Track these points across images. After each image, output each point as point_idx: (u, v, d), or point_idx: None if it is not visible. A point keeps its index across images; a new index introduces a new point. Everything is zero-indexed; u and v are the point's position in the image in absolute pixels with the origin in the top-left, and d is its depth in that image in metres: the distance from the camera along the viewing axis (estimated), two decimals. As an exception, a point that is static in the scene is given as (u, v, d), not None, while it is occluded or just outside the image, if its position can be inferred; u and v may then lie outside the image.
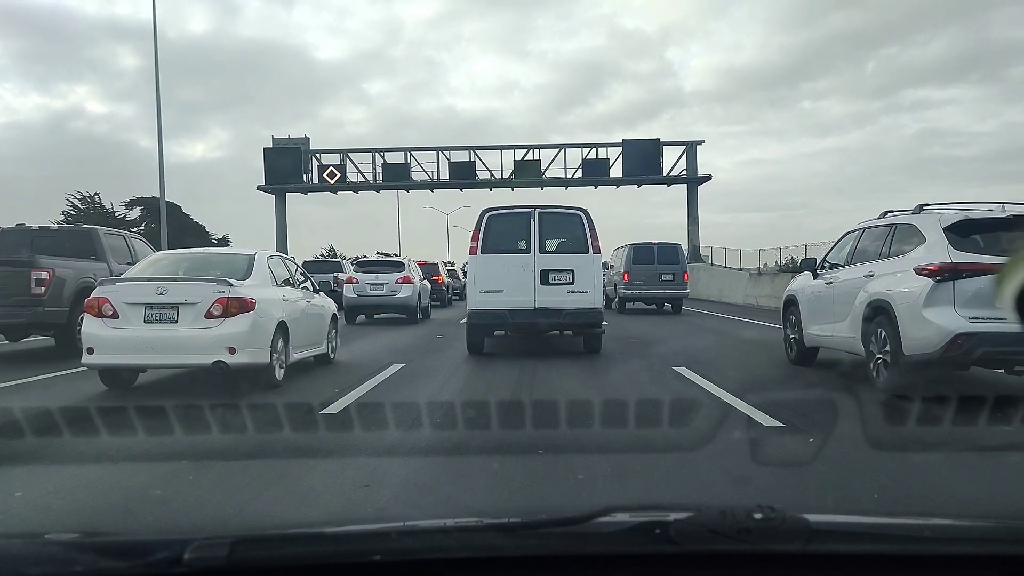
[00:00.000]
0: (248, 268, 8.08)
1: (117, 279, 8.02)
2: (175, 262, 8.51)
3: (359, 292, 17.87)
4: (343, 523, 2.24)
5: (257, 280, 7.95)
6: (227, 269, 8.07)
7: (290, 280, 9.11)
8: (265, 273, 8.26)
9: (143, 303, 7.25)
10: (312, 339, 9.17)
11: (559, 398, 6.93)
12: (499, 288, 10.32)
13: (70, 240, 12.02)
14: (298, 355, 8.54)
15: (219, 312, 7.21)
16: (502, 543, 1.35)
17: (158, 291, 7.26)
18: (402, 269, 18.38)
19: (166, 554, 1.26)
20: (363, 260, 20.85)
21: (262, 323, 7.51)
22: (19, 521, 3.71)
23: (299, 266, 10.23)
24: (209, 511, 3.84)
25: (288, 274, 9.19)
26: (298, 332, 8.44)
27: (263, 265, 8.35)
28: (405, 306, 17.81)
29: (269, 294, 7.98)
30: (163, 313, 7.23)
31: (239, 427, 5.52)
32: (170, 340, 7.16)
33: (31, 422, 5.63)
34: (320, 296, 9.86)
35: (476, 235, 10.55)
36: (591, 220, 10.54)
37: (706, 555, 1.31)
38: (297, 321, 8.47)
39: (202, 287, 7.34)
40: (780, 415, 5.90)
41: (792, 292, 9.80)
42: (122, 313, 7.22)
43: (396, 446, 5.17)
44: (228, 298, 7.25)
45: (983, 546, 1.40)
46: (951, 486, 4.24)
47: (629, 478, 4.36)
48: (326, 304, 10.01)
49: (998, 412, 5.86)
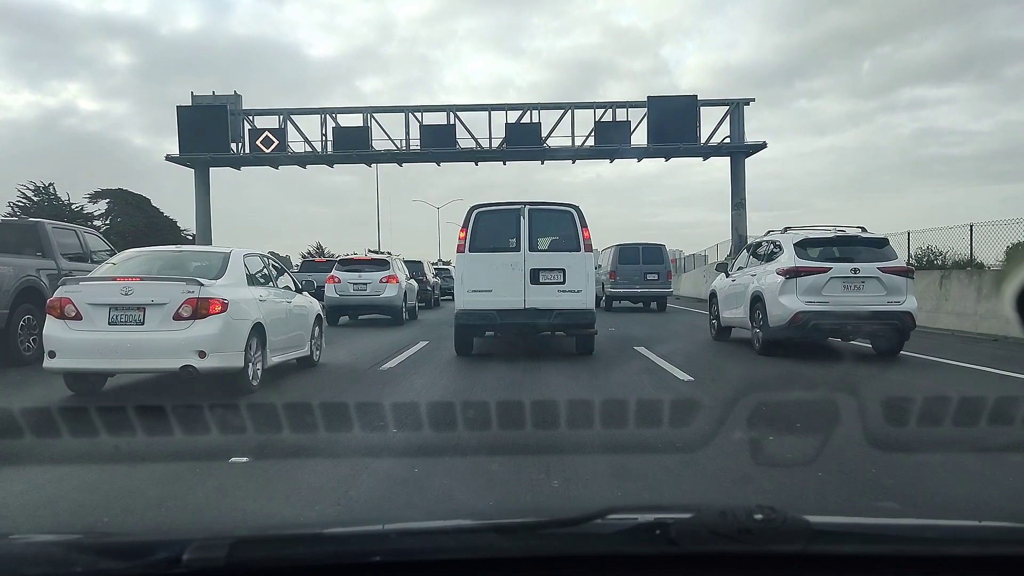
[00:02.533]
0: (222, 267, 7.69)
1: (81, 278, 7.52)
2: (145, 260, 8.05)
3: (341, 292, 17.12)
4: (343, 523, 2.24)
5: (231, 279, 7.57)
6: (199, 268, 7.74)
7: (269, 279, 8.73)
8: (240, 272, 7.87)
9: (107, 304, 6.88)
10: (293, 341, 8.81)
11: (555, 396, 6.93)
12: (488, 287, 10.06)
13: (13, 234, 10.91)
14: (277, 358, 8.22)
15: (188, 313, 6.87)
16: (502, 544, 1.35)
17: (123, 291, 6.90)
18: (387, 268, 17.62)
19: (165, 554, 1.26)
20: (345, 258, 19.84)
21: (235, 325, 7.16)
22: (19, 521, 3.71)
23: (280, 264, 9.79)
24: (209, 511, 3.85)
25: (267, 272, 8.79)
26: (277, 334, 8.10)
27: (238, 263, 7.96)
28: (390, 307, 17.10)
29: (243, 294, 7.60)
30: (128, 315, 6.87)
31: (204, 429, 5.52)
32: (136, 343, 6.79)
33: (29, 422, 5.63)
34: (303, 296, 9.50)
35: (464, 232, 10.25)
36: (583, 217, 10.23)
37: (706, 556, 1.31)
38: (276, 322, 8.12)
39: (170, 287, 7.00)
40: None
41: (713, 288, 13.24)
42: (85, 315, 6.86)
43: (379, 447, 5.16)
44: (198, 298, 6.91)
45: (984, 547, 1.40)
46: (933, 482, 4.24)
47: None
48: (309, 304, 9.65)
49: (927, 415, 5.89)
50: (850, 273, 9.99)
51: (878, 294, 9.93)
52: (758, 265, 11.25)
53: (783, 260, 10.41)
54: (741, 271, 11.96)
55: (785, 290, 10.09)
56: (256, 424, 5.60)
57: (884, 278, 9.96)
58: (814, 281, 9.97)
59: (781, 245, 10.72)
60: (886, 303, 9.88)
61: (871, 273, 9.97)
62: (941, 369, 9.18)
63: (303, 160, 34.61)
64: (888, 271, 10.02)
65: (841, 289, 9.97)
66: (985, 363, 9.40)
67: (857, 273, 9.99)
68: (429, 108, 33.50)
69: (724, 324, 12.41)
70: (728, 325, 12.31)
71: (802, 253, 10.31)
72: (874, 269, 9.98)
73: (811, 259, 10.24)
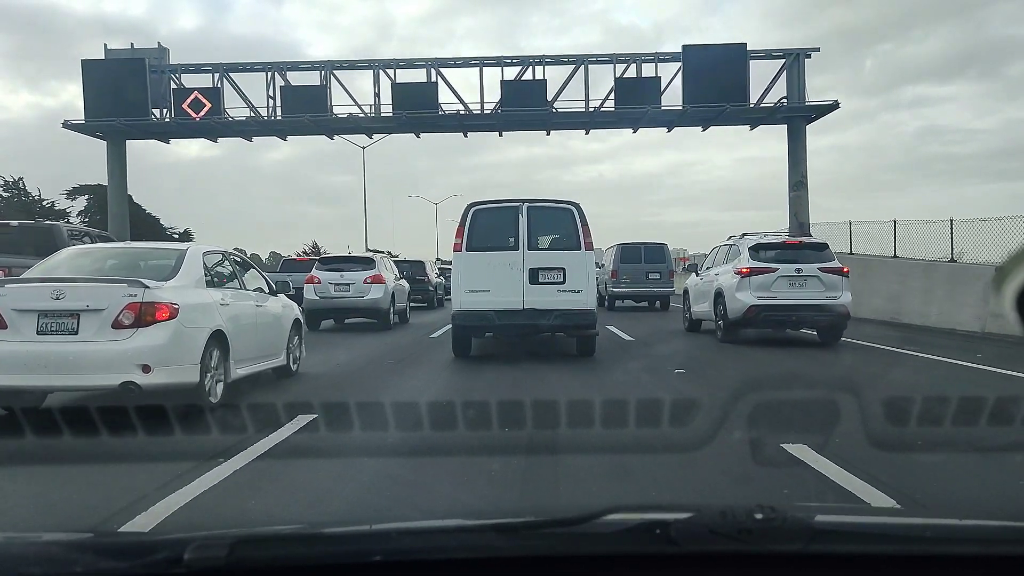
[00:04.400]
0: (175, 266, 6.77)
1: (6, 280, 6.67)
2: (91, 259, 7.24)
3: (321, 293, 15.88)
4: (343, 523, 2.24)
5: (185, 280, 6.68)
6: (150, 267, 6.89)
7: (235, 279, 7.81)
8: (197, 272, 6.95)
9: (36, 310, 5.93)
10: (265, 349, 8.00)
11: (558, 396, 6.96)
12: (485, 288, 9.82)
13: (28, 236, 10.41)
14: (244, 370, 7.36)
15: (130, 321, 5.93)
16: (502, 543, 1.35)
17: (54, 295, 5.94)
18: (371, 267, 16.25)
19: (166, 554, 1.26)
20: (327, 256, 18.48)
21: (187, 333, 6.25)
22: (19, 521, 3.71)
23: (252, 264, 8.91)
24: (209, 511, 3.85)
25: (232, 272, 7.86)
26: (244, 342, 7.27)
27: (195, 262, 7.03)
28: (375, 309, 15.82)
29: (200, 297, 6.72)
30: (60, 322, 5.92)
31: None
32: (68, 356, 5.84)
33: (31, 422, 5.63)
34: (278, 298, 8.70)
35: (460, 231, 9.99)
36: (583, 215, 9.97)
37: (706, 556, 1.31)
38: (242, 329, 7.28)
39: (109, 290, 6.07)
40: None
41: (685, 286, 15.23)
42: (11, 322, 5.90)
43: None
44: (141, 303, 5.96)
45: (985, 546, 1.40)
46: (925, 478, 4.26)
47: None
48: (285, 308, 8.83)
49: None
50: (794, 272, 11.90)
51: (818, 290, 11.83)
52: (721, 266, 13.12)
53: (740, 262, 12.31)
54: (708, 271, 13.77)
55: (741, 287, 11.96)
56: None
57: (823, 276, 11.88)
58: (764, 279, 11.87)
59: (739, 249, 12.67)
60: (825, 298, 11.80)
61: (812, 272, 11.89)
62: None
63: (244, 129, 27.00)
64: (826, 271, 11.95)
65: (787, 286, 11.87)
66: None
67: (800, 272, 11.90)
68: (405, 63, 26.25)
69: (695, 317, 14.23)
70: (698, 318, 14.10)
71: (755, 255, 12.20)
72: (815, 269, 11.92)
73: (763, 261, 12.10)
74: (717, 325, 12.62)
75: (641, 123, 26.74)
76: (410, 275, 21.56)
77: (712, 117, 26.11)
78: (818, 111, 25.84)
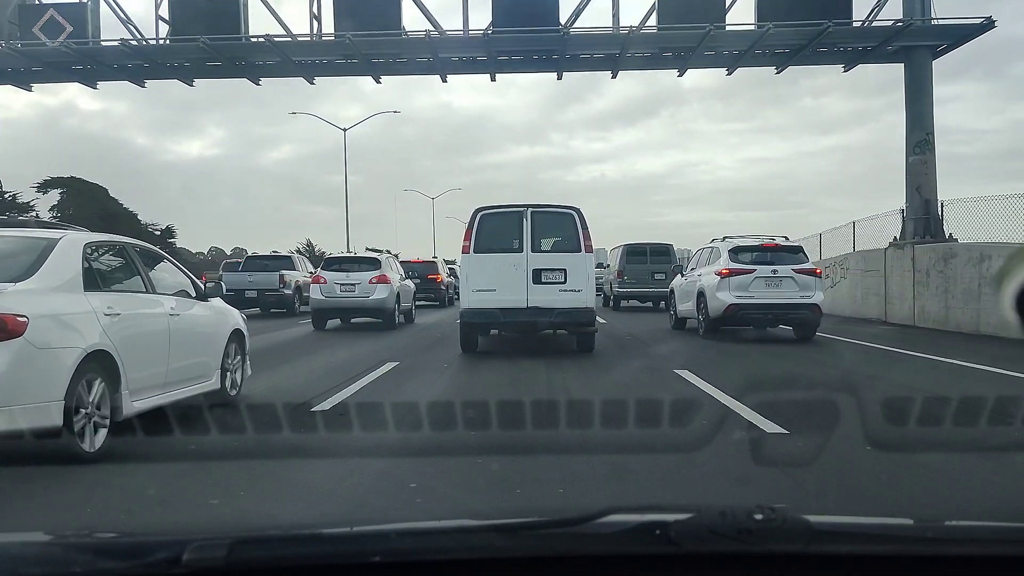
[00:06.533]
0: (35, 263, 4.93)
1: None
2: None
3: (327, 293, 15.93)
4: (343, 523, 2.24)
5: (48, 281, 4.88)
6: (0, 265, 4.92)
7: (137, 279, 5.93)
8: (69, 270, 5.08)
9: None
10: (186, 371, 6.14)
11: (559, 396, 6.97)
12: (491, 287, 10.41)
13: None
14: (147, 401, 5.49)
15: None
16: (502, 544, 1.35)
17: None
18: (377, 267, 16.28)
19: (165, 554, 1.26)
20: (333, 256, 18.60)
21: (41, 357, 4.49)
22: (19, 521, 3.71)
23: (169, 258, 6.96)
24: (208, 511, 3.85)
25: (133, 270, 5.96)
26: (145, 364, 5.49)
27: (67, 257, 5.14)
28: (380, 309, 15.83)
29: (69, 305, 4.87)
30: None
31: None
32: None
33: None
34: (208, 304, 6.83)
35: (468, 234, 10.61)
36: (584, 219, 10.66)
37: (706, 556, 1.31)
38: (143, 346, 5.50)
39: None
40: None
41: (672, 286, 15.94)
42: None
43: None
44: None
45: (985, 547, 1.40)
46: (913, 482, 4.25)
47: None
48: (219, 315, 7.03)
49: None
50: (771, 273, 12.72)
51: (792, 290, 12.67)
52: (704, 267, 13.91)
53: (720, 263, 13.14)
54: (692, 271, 14.54)
55: (721, 287, 12.78)
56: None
57: (797, 277, 12.73)
58: (742, 280, 12.71)
59: (720, 251, 13.49)
60: (799, 297, 12.63)
61: (787, 273, 12.72)
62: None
63: (114, 61, 18.19)
64: (800, 272, 12.79)
65: (764, 286, 12.68)
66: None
67: (776, 273, 12.72)
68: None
69: (680, 315, 15.02)
70: (683, 316, 14.86)
71: (734, 257, 13.08)
72: (789, 270, 12.75)
73: (741, 263, 12.97)
74: (699, 322, 13.37)
75: (694, 57, 17.93)
76: (422, 275, 21.79)
77: (799, 48, 17.36)
78: (957, 35, 17.00)
